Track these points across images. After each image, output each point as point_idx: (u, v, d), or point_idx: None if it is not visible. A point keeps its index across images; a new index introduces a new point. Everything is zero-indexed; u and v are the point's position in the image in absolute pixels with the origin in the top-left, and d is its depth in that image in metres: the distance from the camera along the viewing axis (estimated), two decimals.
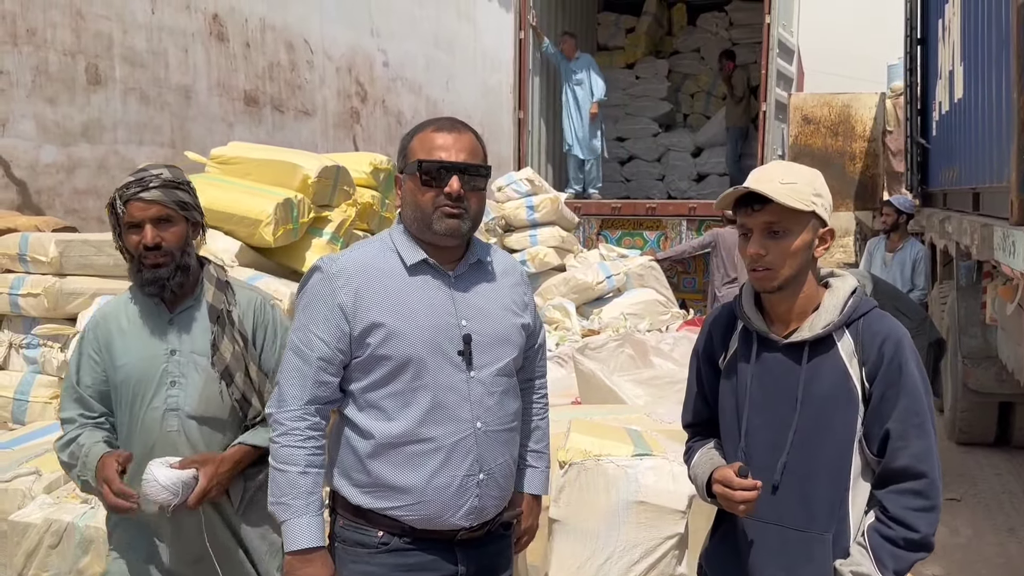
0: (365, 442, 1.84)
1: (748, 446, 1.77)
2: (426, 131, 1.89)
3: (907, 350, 1.71)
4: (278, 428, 1.84)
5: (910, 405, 1.69)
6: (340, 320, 1.82)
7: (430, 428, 1.83)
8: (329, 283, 1.84)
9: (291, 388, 1.84)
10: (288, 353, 1.88)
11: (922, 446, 1.69)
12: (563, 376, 4.53)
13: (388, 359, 1.82)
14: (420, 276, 1.87)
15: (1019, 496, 5.05)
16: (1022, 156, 3.93)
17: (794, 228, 1.70)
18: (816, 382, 1.72)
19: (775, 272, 1.71)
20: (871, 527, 1.70)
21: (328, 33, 9.97)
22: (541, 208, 6.96)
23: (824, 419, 1.72)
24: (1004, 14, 4.47)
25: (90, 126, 6.99)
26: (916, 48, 8.26)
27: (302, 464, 1.81)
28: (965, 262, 5.81)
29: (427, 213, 1.84)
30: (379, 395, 1.84)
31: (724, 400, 1.84)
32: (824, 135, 9.30)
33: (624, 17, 10.61)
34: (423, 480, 1.83)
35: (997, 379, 5.36)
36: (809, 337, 1.73)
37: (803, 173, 1.75)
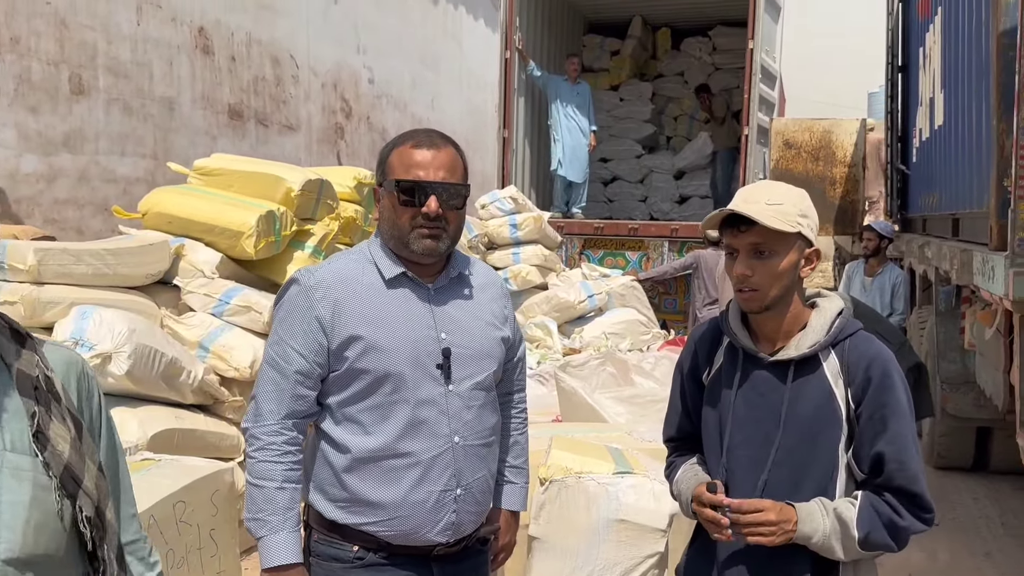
0: (341, 456, 1.82)
1: (730, 462, 1.76)
2: (405, 146, 1.86)
3: (894, 373, 1.73)
4: (254, 443, 1.81)
5: (901, 428, 1.71)
6: (318, 333, 1.80)
7: (408, 443, 1.81)
8: (307, 295, 1.82)
9: (267, 402, 1.81)
10: (264, 367, 1.85)
11: (915, 468, 1.72)
12: (544, 394, 4.52)
13: (366, 373, 1.80)
14: (399, 289, 1.86)
15: (996, 521, 5.07)
16: (1001, 182, 3.98)
17: (780, 249, 1.71)
18: (801, 401, 1.73)
19: (761, 293, 1.72)
20: (865, 494, 1.72)
21: (314, 49, 9.97)
22: (524, 226, 6.97)
23: (807, 438, 1.72)
24: (984, 42, 4.55)
25: (72, 136, 6.93)
26: (897, 75, 8.38)
27: (279, 479, 1.79)
28: (944, 287, 5.87)
29: (404, 232, 1.83)
30: (356, 409, 1.82)
31: (707, 415, 1.83)
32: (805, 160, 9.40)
33: (609, 40, 10.70)
34: (400, 495, 1.81)
35: (975, 404, 5.40)
36: (795, 356, 1.73)
37: (789, 194, 1.75)
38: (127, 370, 3.32)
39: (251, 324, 3.86)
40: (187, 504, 2.66)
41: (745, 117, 8.37)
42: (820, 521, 1.67)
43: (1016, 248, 3.57)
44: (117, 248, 3.84)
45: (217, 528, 2.79)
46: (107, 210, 6.62)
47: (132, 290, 3.90)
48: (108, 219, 6.62)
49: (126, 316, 3.48)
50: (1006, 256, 3.65)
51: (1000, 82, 3.96)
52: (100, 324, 3.37)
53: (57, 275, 3.71)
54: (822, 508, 1.68)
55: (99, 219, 7.04)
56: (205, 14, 8.25)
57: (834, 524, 1.68)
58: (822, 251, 1.86)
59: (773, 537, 1.66)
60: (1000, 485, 5.60)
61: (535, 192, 9.37)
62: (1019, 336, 3.77)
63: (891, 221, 8.25)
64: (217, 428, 3.63)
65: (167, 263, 4.00)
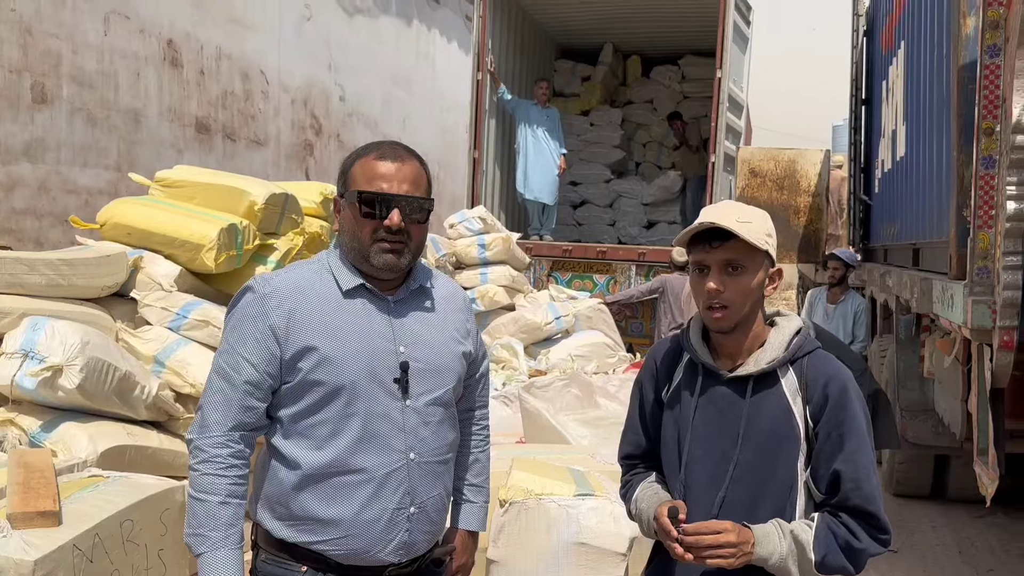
0: (291, 472, 1.76)
1: (688, 478, 1.76)
2: (368, 157, 1.82)
3: (852, 392, 1.74)
4: (199, 455, 1.74)
5: (857, 447, 1.72)
6: (271, 342, 1.75)
7: (361, 458, 1.76)
8: (261, 304, 1.76)
9: (214, 413, 1.74)
10: (212, 376, 1.78)
11: (871, 488, 1.72)
12: (509, 415, 4.48)
13: (320, 385, 1.75)
14: (357, 300, 1.81)
15: (952, 549, 5.11)
16: (961, 213, 4.05)
17: (750, 266, 1.73)
18: (759, 417, 1.73)
19: (732, 310, 1.72)
20: (821, 515, 1.71)
21: (285, 65, 9.93)
22: (493, 247, 6.95)
23: (766, 455, 1.72)
24: (945, 76, 4.65)
25: (33, 145, 6.80)
26: (861, 108, 8.55)
27: (222, 494, 1.72)
28: (905, 316, 5.95)
29: (365, 245, 1.78)
30: (309, 423, 1.76)
31: (666, 431, 1.83)
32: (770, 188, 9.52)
33: (580, 65, 10.80)
34: (351, 513, 1.75)
35: (934, 432, 5.45)
36: (754, 372, 1.74)
37: (756, 213, 1.78)
38: (79, 384, 3.22)
39: (209, 339, 3.78)
40: (135, 523, 2.57)
41: (712, 145, 8.47)
42: (777, 543, 1.66)
43: (975, 277, 3.63)
44: (73, 259, 3.74)
45: (166, 548, 2.71)
46: (67, 221, 6.49)
47: (87, 302, 3.81)
48: (68, 230, 6.48)
49: (80, 328, 3.39)
50: (965, 285, 3.70)
51: (960, 115, 4.05)
52: (52, 336, 3.27)
53: (9, 284, 3.61)
54: (779, 530, 1.68)
55: (58, 230, 6.90)
56: (174, 26, 8.18)
57: (791, 546, 1.67)
58: (787, 279, 1.88)
59: (732, 560, 1.64)
60: (958, 513, 5.66)
61: (504, 213, 9.38)
62: (977, 365, 3.82)
63: (854, 250, 8.37)
64: (171, 445, 3.53)
65: (124, 275, 3.91)
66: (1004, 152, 3.39)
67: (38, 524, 2.30)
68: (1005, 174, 3.36)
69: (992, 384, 3.60)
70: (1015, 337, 3.40)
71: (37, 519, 2.30)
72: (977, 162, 3.65)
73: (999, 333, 3.41)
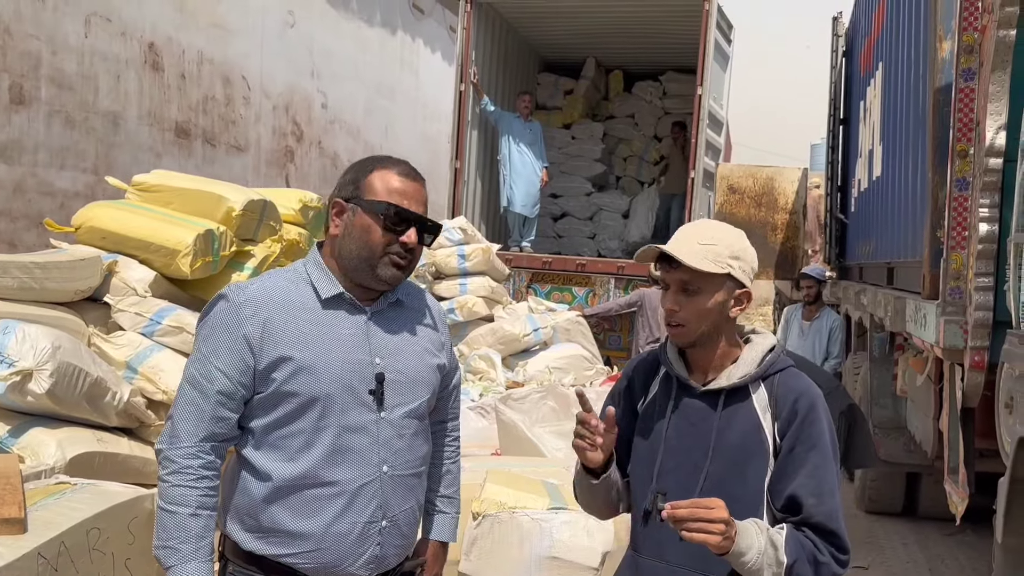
0: (261, 484, 1.74)
1: (660, 488, 1.76)
2: (389, 170, 1.82)
3: (820, 409, 1.75)
4: (168, 466, 1.71)
5: (821, 463, 1.71)
6: (244, 352, 1.72)
7: (333, 471, 1.75)
8: (235, 312, 1.74)
9: (185, 423, 1.72)
10: (184, 385, 1.76)
11: (833, 505, 1.71)
12: (485, 427, 4.47)
13: (294, 396, 1.73)
14: (334, 310, 1.80)
15: (923, 565, 5.15)
16: (935, 233, 4.11)
17: (706, 288, 1.75)
18: (729, 430, 1.75)
19: (688, 328, 1.76)
20: (789, 525, 1.70)
21: (267, 70, 9.89)
22: (473, 257, 6.95)
23: (735, 468, 1.74)
24: (921, 98, 4.72)
25: (9, 146, 6.72)
26: (839, 127, 8.66)
27: (193, 505, 1.69)
28: (879, 334, 6.01)
29: (375, 255, 1.77)
30: (281, 434, 1.74)
31: (639, 443, 1.84)
32: (748, 205, 9.62)
33: (563, 79, 10.85)
34: (322, 526, 1.74)
35: (905, 450, 5.51)
36: (726, 386, 1.77)
37: (725, 235, 1.79)
38: (48, 388, 3.17)
39: (182, 346, 3.74)
40: (102, 531, 2.53)
41: (692, 161, 8.53)
42: (755, 538, 1.64)
43: (948, 297, 3.68)
44: (46, 262, 3.70)
45: (133, 558, 2.67)
46: (41, 224, 6.41)
47: (60, 306, 3.76)
48: (43, 233, 6.40)
49: (51, 332, 3.34)
50: (938, 304, 3.75)
51: (936, 136, 4.11)
52: (23, 340, 3.22)
53: None
54: (756, 527, 1.67)
55: (33, 232, 6.81)
56: (156, 30, 8.13)
57: (768, 544, 1.65)
58: (763, 295, 1.89)
59: (719, 538, 1.59)
60: (928, 530, 5.71)
61: (485, 224, 9.38)
62: (949, 384, 3.86)
63: (829, 268, 8.45)
64: (141, 452, 3.49)
65: (98, 279, 3.87)
66: (977, 174, 3.45)
67: (2, 532, 2.26)
68: (978, 196, 3.42)
69: (963, 403, 3.65)
70: (986, 357, 3.44)
71: (2, 527, 2.26)
72: (951, 184, 3.71)
73: (970, 353, 3.45)
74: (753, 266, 1.80)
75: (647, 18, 9.31)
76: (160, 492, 1.72)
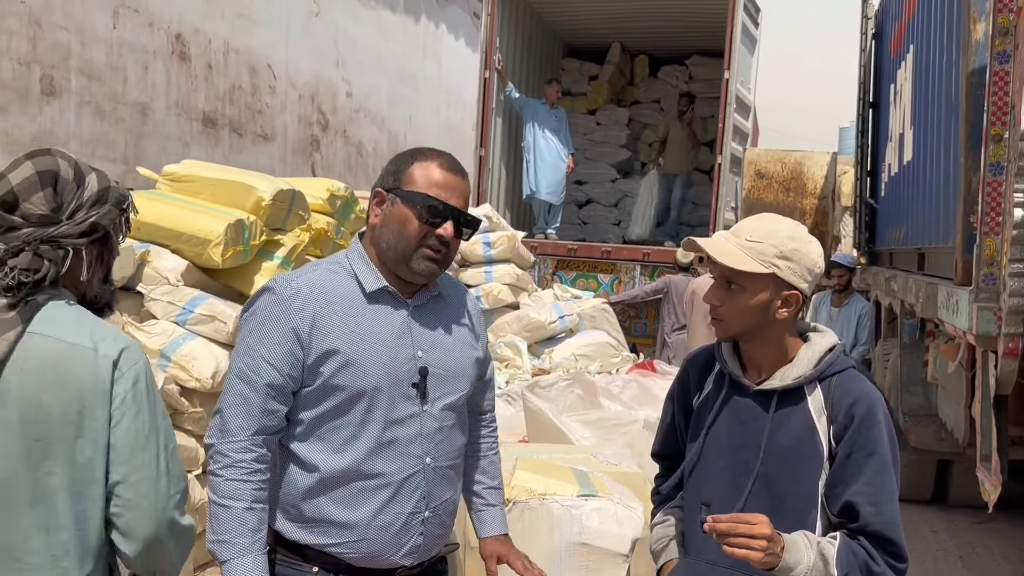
0: (308, 475, 1.75)
1: (709, 488, 1.75)
2: (431, 162, 1.81)
3: (879, 414, 1.69)
4: (221, 460, 1.71)
5: (880, 471, 1.67)
6: (294, 345, 1.73)
7: (379, 463, 1.76)
8: (283, 305, 1.74)
9: (236, 417, 1.72)
10: (232, 379, 1.75)
11: (891, 513, 1.67)
12: (512, 414, 4.48)
13: (342, 389, 1.74)
14: (378, 304, 1.80)
15: (954, 553, 5.11)
16: (968, 218, 4.05)
17: (748, 286, 1.70)
18: (782, 432, 1.70)
19: (727, 324, 1.73)
20: (843, 535, 1.66)
21: (292, 60, 9.94)
22: (498, 245, 6.95)
23: (786, 470, 1.70)
24: (954, 81, 4.64)
25: (41, 137, 6.81)
26: (868, 111, 8.53)
27: (248, 499, 1.70)
28: (909, 320, 5.94)
29: (411, 247, 1.78)
30: (328, 427, 1.75)
31: (692, 438, 1.83)
32: (776, 190, 9.52)
33: (588, 64, 10.79)
34: (368, 517, 1.76)
35: (936, 437, 5.46)
36: (779, 386, 1.72)
37: (776, 233, 1.72)
38: None
39: (215, 334, 3.79)
40: None
41: (719, 145, 8.46)
42: (804, 553, 1.61)
43: (981, 283, 3.63)
44: None
45: None
46: None
47: None
48: None
49: None
50: (971, 291, 3.70)
51: (969, 120, 4.04)
52: None
53: None
54: (806, 540, 1.63)
55: None
56: (183, 21, 8.19)
57: (817, 559, 1.62)
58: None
59: (761, 554, 1.56)
60: (958, 518, 5.66)
61: (510, 212, 9.38)
62: (981, 371, 3.82)
63: (859, 254, 8.36)
64: (184, 441, 3.55)
65: (131, 269, 3.93)
66: (1012, 159, 3.39)
67: None
68: (1013, 181, 3.36)
69: (996, 390, 3.61)
70: (1020, 344, 3.39)
71: None
72: (985, 168, 3.65)
73: (1004, 340, 3.41)
74: (810, 267, 1.71)
75: (673, 2, 9.23)
76: (212, 486, 1.73)
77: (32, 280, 1.45)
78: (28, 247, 1.46)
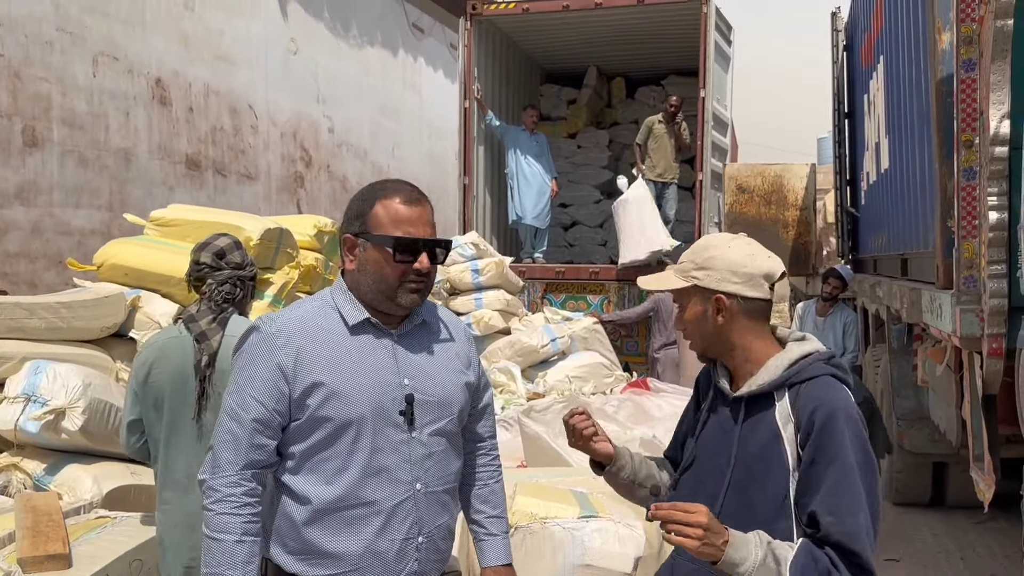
0: (301, 507, 1.79)
1: (696, 493, 1.78)
2: (391, 199, 1.84)
3: (840, 421, 1.65)
4: (212, 495, 1.77)
5: (841, 479, 1.62)
6: (279, 381, 1.78)
7: (370, 491, 1.80)
8: (268, 343, 1.80)
9: (225, 452, 1.78)
10: (223, 417, 1.82)
11: (853, 524, 1.61)
12: (509, 439, 4.49)
13: (329, 421, 1.78)
14: (361, 335, 1.85)
15: (955, 555, 5.13)
16: (945, 223, 4.12)
17: (683, 302, 1.84)
18: (750, 439, 1.74)
19: (691, 343, 1.85)
20: (806, 541, 1.64)
21: (273, 99, 10.01)
22: (486, 271, 6.99)
23: (755, 477, 1.71)
24: (924, 90, 4.74)
25: (25, 188, 6.84)
26: (844, 121, 8.66)
27: (238, 532, 1.75)
28: (896, 325, 6.00)
29: (392, 287, 1.83)
30: (318, 458, 1.79)
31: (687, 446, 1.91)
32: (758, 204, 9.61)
33: (566, 89, 10.91)
34: (362, 545, 1.79)
35: (930, 440, 5.49)
36: (745, 393, 1.76)
37: (696, 248, 1.85)
38: (81, 426, 3.25)
39: None
40: (144, 562, 2.59)
41: (699, 163, 8.55)
42: (752, 551, 1.60)
43: (962, 286, 3.69)
44: (71, 301, 3.78)
45: None
46: (61, 263, 6.51)
47: (87, 343, 3.83)
48: (62, 272, 6.50)
49: (80, 371, 3.42)
50: (952, 294, 3.76)
51: (940, 128, 4.13)
52: (54, 379, 3.30)
53: (9, 329, 3.64)
54: (757, 539, 1.63)
55: (53, 272, 6.92)
56: (162, 65, 8.25)
57: (766, 558, 1.60)
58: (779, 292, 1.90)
59: (697, 543, 1.58)
60: (958, 519, 5.68)
61: (496, 238, 9.43)
62: (969, 372, 3.87)
63: (843, 262, 8.45)
64: None
65: (123, 315, 3.95)
66: (984, 164, 3.47)
67: (49, 567, 2.32)
68: (986, 185, 3.43)
69: (984, 391, 3.65)
70: (1004, 344, 3.45)
71: (48, 563, 2.32)
72: (959, 174, 3.72)
73: (988, 341, 3.46)
74: (733, 269, 1.75)
75: (646, 24, 9.35)
76: (206, 521, 1.77)
77: (231, 300, 2.60)
78: (228, 282, 2.62)
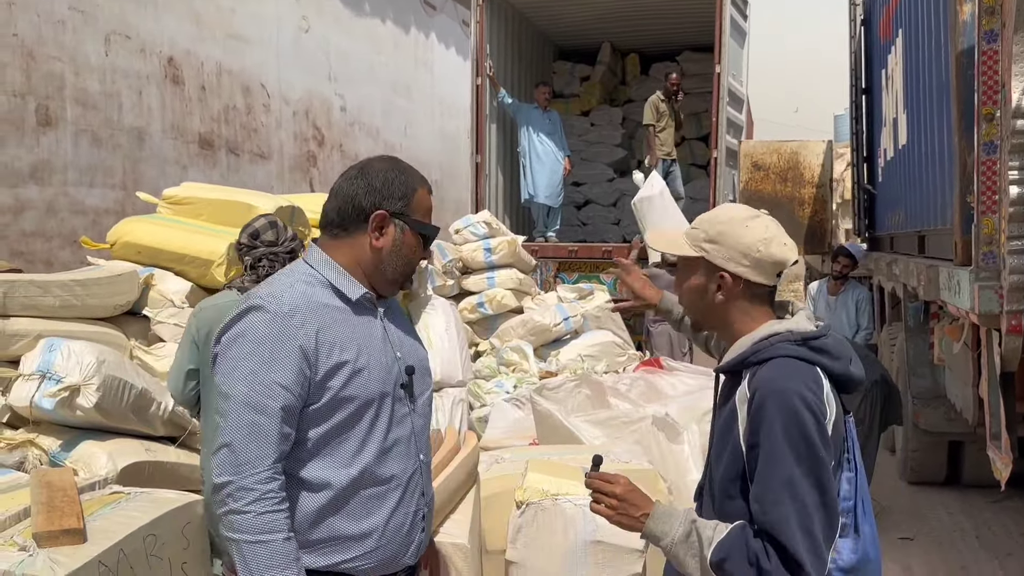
0: (317, 495, 1.71)
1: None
2: (423, 188, 1.85)
3: (772, 407, 1.56)
4: (246, 495, 1.61)
5: (764, 467, 1.56)
6: (302, 363, 1.66)
7: (388, 467, 1.78)
8: (282, 323, 1.67)
9: (252, 447, 1.62)
10: (237, 408, 1.64)
11: (776, 514, 1.53)
12: (522, 417, 4.50)
13: (351, 400, 1.71)
14: (361, 312, 1.81)
15: (970, 534, 5.11)
16: (964, 199, 4.06)
17: (685, 269, 1.76)
18: (719, 417, 1.72)
19: (685, 309, 1.83)
20: (744, 524, 1.58)
21: (285, 77, 9.98)
22: (499, 250, 6.97)
23: (719, 455, 1.68)
24: (943, 63, 4.66)
25: (39, 167, 6.86)
26: (861, 97, 8.55)
27: (285, 528, 1.63)
28: (913, 303, 5.95)
29: (411, 272, 1.87)
30: (336, 441, 1.72)
31: None
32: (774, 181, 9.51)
33: (579, 66, 10.81)
34: (382, 521, 1.76)
35: (946, 418, 5.45)
36: (717, 370, 1.76)
37: (712, 219, 1.73)
38: (96, 403, 3.26)
39: None
40: (158, 537, 2.60)
41: (714, 139, 8.46)
42: (674, 527, 1.58)
43: (981, 263, 3.64)
44: (85, 279, 3.79)
45: (189, 561, 2.73)
46: (75, 242, 6.54)
47: (101, 321, 3.85)
48: (77, 250, 6.53)
49: (94, 348, 3.43)
50: (971, 271, 3.71)
51: (960, 100, 4.05)
52: (68, 356, 3.31)
53: (24, 307, 3.66)
54: (683, 516, 1.61)
55: (68, 251, 6.95)
56: (175, 44, 8.24)
57: (688, 535, 1.57)
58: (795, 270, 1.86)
59: (612, 512, 1.61)
60: (973, 498, 5.65)
61: (509, 217, 9.40)
62: (987, 350, 3.82)
63: (859, 240, 8.37)
64: (188, 460, 3.57)
65: (136, 293, 3.96)
66: (1005, 137, 3.40)
67: (63, 542, 2.33)
68: (1007, 159, 3.37)
69: (1002, 368, 3.61)
70: (1023, 321, 3.40)
71: (62, 537, 2.33)
72: (978, 148, 3.66)
73: (1007, 317, 3.42)
74: (744, 251, 1.65)
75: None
76: (238, 524, 1.62)
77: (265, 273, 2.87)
78: (265, 258, 2.99)
